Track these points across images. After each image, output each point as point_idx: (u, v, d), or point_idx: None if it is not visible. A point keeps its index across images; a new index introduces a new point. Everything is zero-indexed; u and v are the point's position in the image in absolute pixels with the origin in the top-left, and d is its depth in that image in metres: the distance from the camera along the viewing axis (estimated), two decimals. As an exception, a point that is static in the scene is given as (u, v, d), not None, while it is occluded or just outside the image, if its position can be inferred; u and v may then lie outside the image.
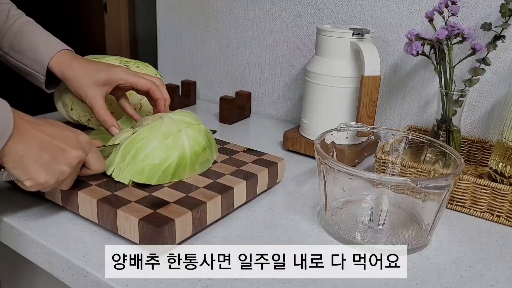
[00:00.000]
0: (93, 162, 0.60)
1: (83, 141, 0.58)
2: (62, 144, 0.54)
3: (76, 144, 0.56)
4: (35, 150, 0.52)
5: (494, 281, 0.54)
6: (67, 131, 0.57)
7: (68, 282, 0.55)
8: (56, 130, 0.55)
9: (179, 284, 0.50)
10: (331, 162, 0.58)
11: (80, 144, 0.57)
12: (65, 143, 0.55)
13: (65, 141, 0.55)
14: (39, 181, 0.53)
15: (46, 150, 0.53)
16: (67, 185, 0.58)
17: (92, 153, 0.59)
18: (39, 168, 0.52)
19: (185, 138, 0.65)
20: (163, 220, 0.54)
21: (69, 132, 0.57)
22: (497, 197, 0.66)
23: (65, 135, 0.56)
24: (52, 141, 0.54)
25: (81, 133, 0.59)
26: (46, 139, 0.53)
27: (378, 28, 0.94)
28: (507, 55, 0.82)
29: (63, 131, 0.56)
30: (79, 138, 0.57)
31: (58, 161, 0.54)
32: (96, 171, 0.61)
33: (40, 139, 0.53)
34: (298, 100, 1.10)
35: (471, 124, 0.89)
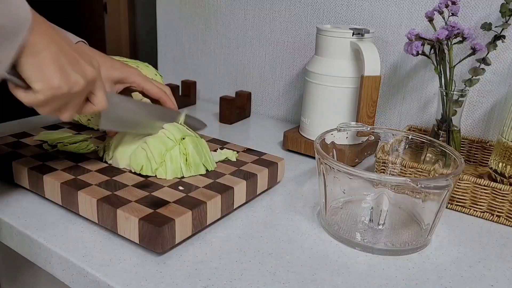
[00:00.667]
0: (98, 94, 0.57)
1: (95, 64, 0.55)
2: (79, 56, 0.52)
3: (90, 61, 0.54)
4: (54, 50, 0.49)
5: (494, 281, 0.54)
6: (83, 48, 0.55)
7: (68, 282, 0.55)
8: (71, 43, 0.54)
9: (179, 284, 0.50)
10: (331, 162, 0.58)
11: (93, 64, 0.55)
12: (82, 57, 0.53)
13: (82, 55, 0.53)
14: (52, 84, 0.49)
15: (64, 54, 0.50)
16: (69, 113, 0.54)
17: (100, 83, 0.57)
18: (55, 69, 0.49)
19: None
20: (163, 219, 0.54)
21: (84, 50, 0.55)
22: (497, 197, 0.66)
23: (81, 49, 0.54)
24: (70, 48, 0.51)
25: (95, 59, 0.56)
26: (65, 44, 0.51)
27: (378, 28, 0.94)
28: (507, 55, 0.82)
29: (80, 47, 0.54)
30: (93, 59, 0.55)
31: (75, 68, 0.51)
32: (98, 107, 0.58)
33: (59, 42, 0.50)
34: (298, 100, 1.10)
35: (471, 124, 0.89)
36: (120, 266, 0.53)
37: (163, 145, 0.65)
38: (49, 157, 0.70)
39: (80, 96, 0.54)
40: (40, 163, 0.68)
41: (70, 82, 0.50)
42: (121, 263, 0.53)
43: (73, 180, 0.63)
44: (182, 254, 0.56)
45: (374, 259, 0.57)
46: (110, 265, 0.53)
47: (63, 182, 0.62)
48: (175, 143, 0.66)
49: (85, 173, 0.65)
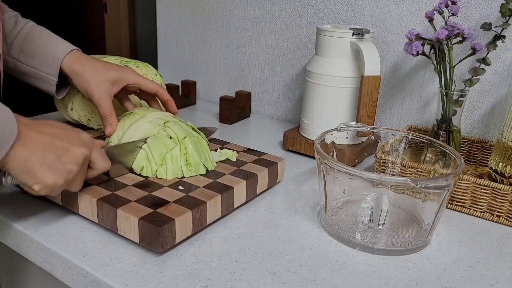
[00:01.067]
0: (97, 160, 0.59)
1: (86, 139, 0.57)
2: (65, 143, 0.53)
3: (79, 142, 0.55)
4: (38, 153, 0.51)
5: (494, 281, 0.54)
6: (68, 130, 0.56)
7: (68, 282, 0.55)
8: (57, 130, 0.54)
9: (179, 284, 0.50)
10: (331, 162, 0.58)
11: (83, 142, 0.56)
12: (68, 142, 0.54)
13: (68, 140, 0.54)
14: (47, 183, 0.51)
15: (49, 151, 0.52)
16: (77, 186, 0.57)
17: (96, 150, 0.58)
18: (45, 170, 0.51)
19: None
20: (163, 219, 0.54)
21: (70, 131, 0.56)
22: (497, 197, 0.66)
23: (66, 134, 0.55)
24: (55, 141, 0.53)
25: (82, 132, 0.58)
26: (48, 140, 0.52)
27: (378, 28, 0.94)
28: (507, 55, 0.82)
29: (64, 130, 0.55)
30: (81, 136, 0.57)
31: (64, 160, 0.53)
32: (101, 170, 0.60)
33: (42, 141, 0.51)
34: (298, 100, 1.10)
35: (471, 124, 0.89)
36: (120, 266, 0.53)
37: (164, 146, 0.65)
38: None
39: (81, 173, 0.57)
40: (40, 163, 0.68)
41: (63, 174, 0.53)
42: (121, 263, 0.53)
43: (73, 180, 0.63)
44: (182, 254, 0.56)
45: (374, 259, 0.57)
46: (110, 265, 0.53)
47: (63, 182, 0.62)
48: (176, 144, 0.66)
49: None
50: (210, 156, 0.70)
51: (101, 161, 0.59)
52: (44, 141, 0.52)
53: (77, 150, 0.54)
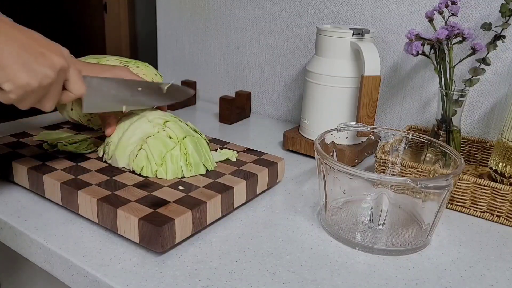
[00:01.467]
0: (73, 81, 0.56)
1: (65, 52, 0.55)
2: (44, 49, 0.52)
3: (57, 51, 0.53)
4: (14, 49, 0.49)
5: (494, 281, 0.54)
6: (48, 40, 0.54)
7: (68, 282, 0.55)
8: (37, 35, 0.53)
9: (179, 284, 0.50)
10: (331, 162, 0.58)
11: (62, 53, 0.54)
12: (47, 48, 0.52)
13: (47, 46, 0.52)
14: (20, 82, 0.49)
15: (26, 50, 0.50)
16: (49, 103, 0.55)
17: (74, 69, 0.56)
18: (19, 67, 0.49)
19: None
20: (163, 219, 0.54)
21: (50, 41, 0.54)
22: (497, 197, 0.66)
23: (46, 42, 0.53)
24: (33, 43, 0.51)
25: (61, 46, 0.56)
26: (27, 40, 0.50)
27: (378, 28, 0.94)
28: (507, 55, 0.82)
29: (44, 39, 0.53)
30: (60, 48, 0.54)
31: (40, 62, 0.51)
32: (76, 93, 0.58)
33: (20, 39, 0.50)
34: (298, 100, 1.10)
35: (471, 124, 0.89)
36: (120, 266, 0.53)
37: (164, 146, 0.65)
38: (49, 157, 0.70)
39: (55, 87, 0.54)
40: (40, 163, 0.68)
41: (38, 76, 0.50)
42: (121, 263, 0.53)
43: (73, 180, 0.63)
44: (182, 254, 0.56)
45: (374, 259, 0.57)
46: (110, 265, 0.53)
47: (63, 182, 0.62)
48: (176, 144, 0.66)
49: (85, 173, 0.65)
50: (210, 156, 0.70)
51: (78, 83, 0.57)
52: (22, 40, 0.50)
53: (55, 57, 0.52)
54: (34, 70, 0.50)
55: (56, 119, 0.97)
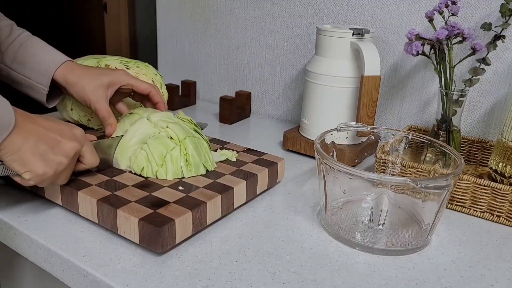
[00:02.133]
0: (87, 155, 0.61)
1: (78, 134, 0.59)
2: (58, 136, 0.56)
3: (71, 136, 0.58)
4: (32, 142, 0.53)
5: (494, 281, 0.54)
6: (61, 125, 0.58)
7: (68, 282, 0.55)
8: (51, 123, 0.57)
9: (179, 284, 0.50)
10: (331, 162, 0.58)
11: (75, 136, 0.58)
12: (61, 135, 0.56)
13: (61, 133, 0.57)
14: (37, 172, 0.54)
15: (42, 141, 0.54)
16: (63, 179, 0.59)
17: (87, 146, 0.61)
18: (37, 159, 0.54)
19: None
20: (163, 220, 0.54)
21: (63, 125, 0.58)
22: (497, 197, 0.66)
23: (60, 128, 0.57)
24: (48, 133, 0.55)
25: (75, 127, 0.60)
26: (42, 131, 0.55)
27: (378, 28, 0.94)
28: (507, 55, 0.82)
29: (58, 124, 0.58)
30: (73, 131, 0.59)
31: (55, 152, 0.55)
32: (89, 165, 0.62)
33: (36, 132, 0.54)
34: (298, 100, 1.10)
35: (471, 124, 0.89)
36: (120, 266, 0.53)
37: (164, 147, 0.65)
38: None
39: (70, 166, 0.59)
40: (40, 163, 0.68)
41: (53, 165, 0.55)
42: (121, 263, 0.53)
43: (73, 180, 0.63)
44: (182, 254, 0.56)
45: (374, 259, 0.57)
46: (110, 265, 0.53)
47: (63, 182, 0.62)
48: (176, 144, 0.66)
49: (85, 173, 0.65)
50: (210, 157, 0.70)
51: (91, 156, 0.62)
52: (39, 132, 0.54)
53: (68, 144, 0.57)
54: (50, 161, 0.55)
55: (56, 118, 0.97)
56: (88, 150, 0.61)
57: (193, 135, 0.69)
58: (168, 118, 0.70)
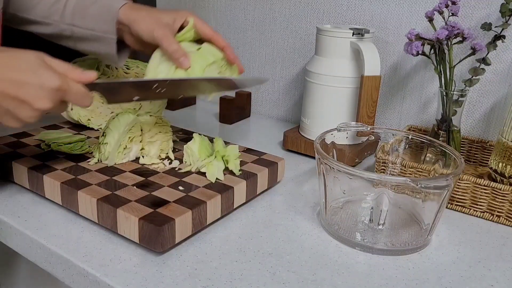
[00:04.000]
0: (75, 103, 0.54)
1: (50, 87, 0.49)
2: (20, 95, 0.47)
3: (37, 94, 0.48)
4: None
5: (494, 281, 0.54)
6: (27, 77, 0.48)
7: (68, 282, 0.55)
8: (13, 75, 0.48)
9: (179, 284, 0.50)
10: (331, 162, 0.58)
11: (45, 93, 0.49)
12: (23, 94, 0.48)
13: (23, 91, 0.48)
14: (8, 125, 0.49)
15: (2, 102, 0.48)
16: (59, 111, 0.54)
17: (69, 95, 0.52)
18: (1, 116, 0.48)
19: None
20: (163, 219, 0.54)
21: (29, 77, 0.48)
22: (497, 197, 0.66)
23: (23, 83, 0.48)
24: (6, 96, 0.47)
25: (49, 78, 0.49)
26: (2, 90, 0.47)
27: (378, 28, 0.94)
28: (507, 55, 0.82)
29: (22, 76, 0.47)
30: (45, 85, 0.49)
31: (17, 113, 0.48)
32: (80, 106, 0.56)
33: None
34: (298, 100, 1.10)
35: (471, 124, 0.89)
36: (120, 266, 0.53)
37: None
38: (49, 157, 0.70)
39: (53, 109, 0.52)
40: (40, 163, 0.68)
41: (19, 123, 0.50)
42: (121, 263, 0.53)
43: (73, 180, 0.63)
44: (182, 254, 0.56)
45: (374, 259, 0.57)
46: (110, 265, 0.53)
47: (63, 182, 0.62)
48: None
49: (85, 172, 0.65)
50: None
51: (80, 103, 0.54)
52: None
53: (33, 105, 0.49)
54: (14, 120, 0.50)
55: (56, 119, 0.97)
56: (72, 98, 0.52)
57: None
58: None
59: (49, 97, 0.49)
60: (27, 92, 0.48)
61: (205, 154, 0.69)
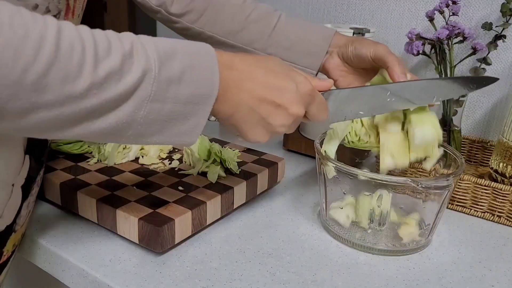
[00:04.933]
0: (314, 114, 0.51)
1: (304, 92, 0.48)
2: (277, 99, 0.46)
3: (293, 98, 0.47)
4: (243, 112, 0.46)
5: (495, 281, 0.54)
6: (283, 81, 0.47)
7: (68, 282, 0.55)
8: (270, 79, 0.46)
9: (178, 285, 0.50)
10: (332, 162, 0.58)
11: (300, 98, 0.47)
12: (280, 98, 0.46)
13: (280, 95, 0.46)
14: (250, 139, 0.48)
15: (255, 111, 0.46)
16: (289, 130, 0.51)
17: (314, 104, 0.50)
18: (249, 128, 0.47)
19: None
20: (162, 219, 0.54)
21: (285, 81, 0.47)
22: (498, 197, 0.66)
23: (280, 87, 0.46)
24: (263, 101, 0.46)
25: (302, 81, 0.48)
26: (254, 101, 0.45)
27: (379, 27, 0.94)
28: (507, 55, 0.82)
29: (278, 80, 0.46)
30: (299, 89, 0.47)
31: (270, 120, 0.47)
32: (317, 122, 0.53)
33: (247, 102, 0.45)
34: (298, 100, 1.10)
35: (471, 124, 0.89)
36: (120, 266, 0.53)
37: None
38: (49, 157, 0.70)
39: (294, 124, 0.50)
40: (39, 163, 0.68)
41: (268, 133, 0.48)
42: (121, 263, 0.53)
43: (73, 180, 0.63)
44: (181, 255, 0.55)
45: (375, 259, 0.57)
46: (109, 265, 0.53)
47: (63, 182, 0.62)
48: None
49: (84, 172, 0.65)
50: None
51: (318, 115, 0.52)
52: (250, 101, 0.45)
53: (288, 109, 0.47)
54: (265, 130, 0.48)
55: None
56: (315, 109, 0.50)
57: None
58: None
59: (302, 101, 0.48)
60: (284, 96, 0.47)
61: (205, 154, 0.69)
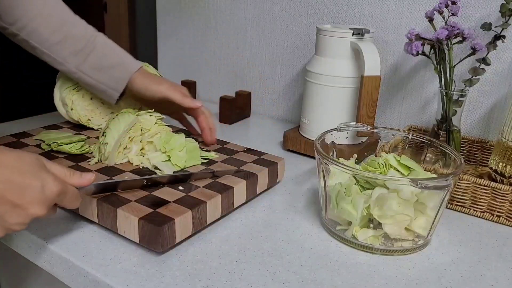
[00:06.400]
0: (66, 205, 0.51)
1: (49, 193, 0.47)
2: (17, 200, 0.44)
3: (36, 199, 0.45)
4: None
5: (494, 281, 0.54)
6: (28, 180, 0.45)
7: (68, 282, 0.55)
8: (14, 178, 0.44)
9: (179, 284, 0.50)
10: (331, 162, 0.58)
11: (44, 198, 0.46)
12: (20, 199, 0.45)
13: (21, 195, 0.45)
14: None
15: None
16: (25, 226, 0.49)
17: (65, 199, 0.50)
18: None
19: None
20: (163, 219, 0.54)
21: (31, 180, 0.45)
22: (497, 197, 0.66)
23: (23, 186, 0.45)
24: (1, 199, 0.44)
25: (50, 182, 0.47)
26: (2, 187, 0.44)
27: (378, 28, 0.94)
28: (507, 55, 0.82)
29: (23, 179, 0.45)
30: (44, 190, 0.46)
31: (6, 218, 0.45)
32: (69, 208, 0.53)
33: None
34: (298, 100, 1.10)
35: (471, 124, 0.89)
36: (120, 266, 0.53)
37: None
38: (49, 157, 0.70)
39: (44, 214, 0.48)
40: (40, 163, 0.68)
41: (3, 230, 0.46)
42: (121, 263, 0.53)
43: (73, 180, 0.63)
44: (182, 254, 0.56)
45: (374, 259, 0.57)
46: (110, 265, 0.53)
47: (63, 182, 0.62)
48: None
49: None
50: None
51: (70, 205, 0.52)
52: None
53: (29, 209, 0.45)
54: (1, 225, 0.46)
55: (56, 119, 0.97)
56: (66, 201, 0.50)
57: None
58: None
59: (47, 201, 0.47)
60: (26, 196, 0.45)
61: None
